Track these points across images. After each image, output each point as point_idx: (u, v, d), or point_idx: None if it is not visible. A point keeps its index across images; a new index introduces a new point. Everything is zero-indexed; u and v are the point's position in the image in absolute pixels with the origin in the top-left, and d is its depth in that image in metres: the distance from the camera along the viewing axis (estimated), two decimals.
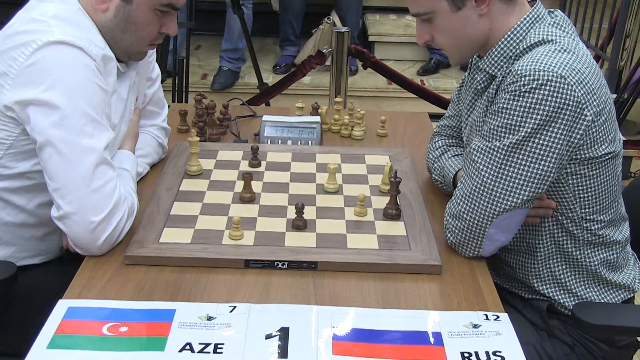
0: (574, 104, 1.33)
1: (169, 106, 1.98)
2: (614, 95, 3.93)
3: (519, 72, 1.35)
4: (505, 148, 1.37)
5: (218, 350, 1.19)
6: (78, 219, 1.41)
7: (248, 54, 3.95)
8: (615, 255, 1.54)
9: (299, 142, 1.98)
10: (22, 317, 1.55)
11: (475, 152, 1.42)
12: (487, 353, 1.21)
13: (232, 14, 3.86)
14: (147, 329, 1.24)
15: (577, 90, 1.33)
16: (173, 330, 1.24)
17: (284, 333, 1.24)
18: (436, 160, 1.74)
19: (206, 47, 4.99)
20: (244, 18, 3.75)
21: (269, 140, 1.98)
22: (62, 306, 1.29)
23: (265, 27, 4.82)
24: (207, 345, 1.20)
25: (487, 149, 1.40)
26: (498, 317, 1.31)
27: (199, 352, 1.19)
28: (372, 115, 2.19)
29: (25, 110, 1.42)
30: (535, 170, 1.37)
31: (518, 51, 1.44)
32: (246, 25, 3.80)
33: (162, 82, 1.91)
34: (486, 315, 1.31)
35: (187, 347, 1.20)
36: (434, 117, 2.27)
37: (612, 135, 1.43)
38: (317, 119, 2.03)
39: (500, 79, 1.45)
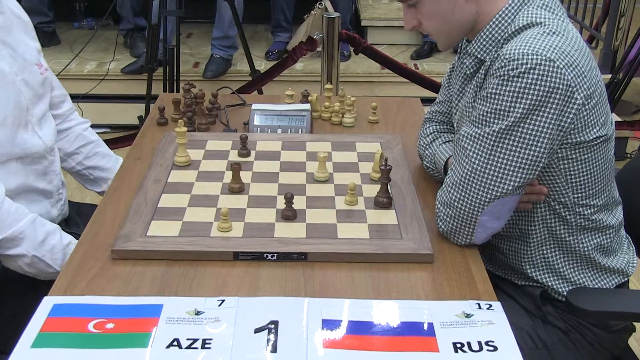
0: (564, 87, 1.31)
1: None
2: (609, 76, 3.90)
3: (507, 56, 1.32)
4: (494, 134, 1.35)
5: (206, 346, 1.17)
6: None
7: (240, 41, 3.91)
8: (608, 240, 1.52)
9: (289, 130, 1.95)
10: (11, 314, 1.53)
11: (464, 139, 1.40)
12: (479, 343, 1.19)
13: (223, 1, 3.81)
14: (134, 325, 1.22)
15: (566, 73, 1.31)
16: (160, 325, 1.21)
17: (273, 327, 1.22)
18: (427, 147, 1.71)
19: (198, 34, 4.94)
20: (235, 5, 3.70)
21: (259, 129, 1.95)
22: (47, 303, 1.27)
23: (257, 14, 4.77)
24: (195, 340, 1.18)
25: (477, 136, 1.37)
26: (491, 305, 1.29)
27: (186, 347, 1.16)
28: (364, 102, 2.16)
29: None
30: (525, 156, 1.35)
31: (506, 34, 1.41)
32: (237, 13, 3.76)
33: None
34: (479, 305, 1.29)
35: (175, 342, 1.17)
36: (428, 101, 2.24)
37: (603, 118, 1.41)
38: (307, 106, 2.00)
39: (489, 63, 1.42)
